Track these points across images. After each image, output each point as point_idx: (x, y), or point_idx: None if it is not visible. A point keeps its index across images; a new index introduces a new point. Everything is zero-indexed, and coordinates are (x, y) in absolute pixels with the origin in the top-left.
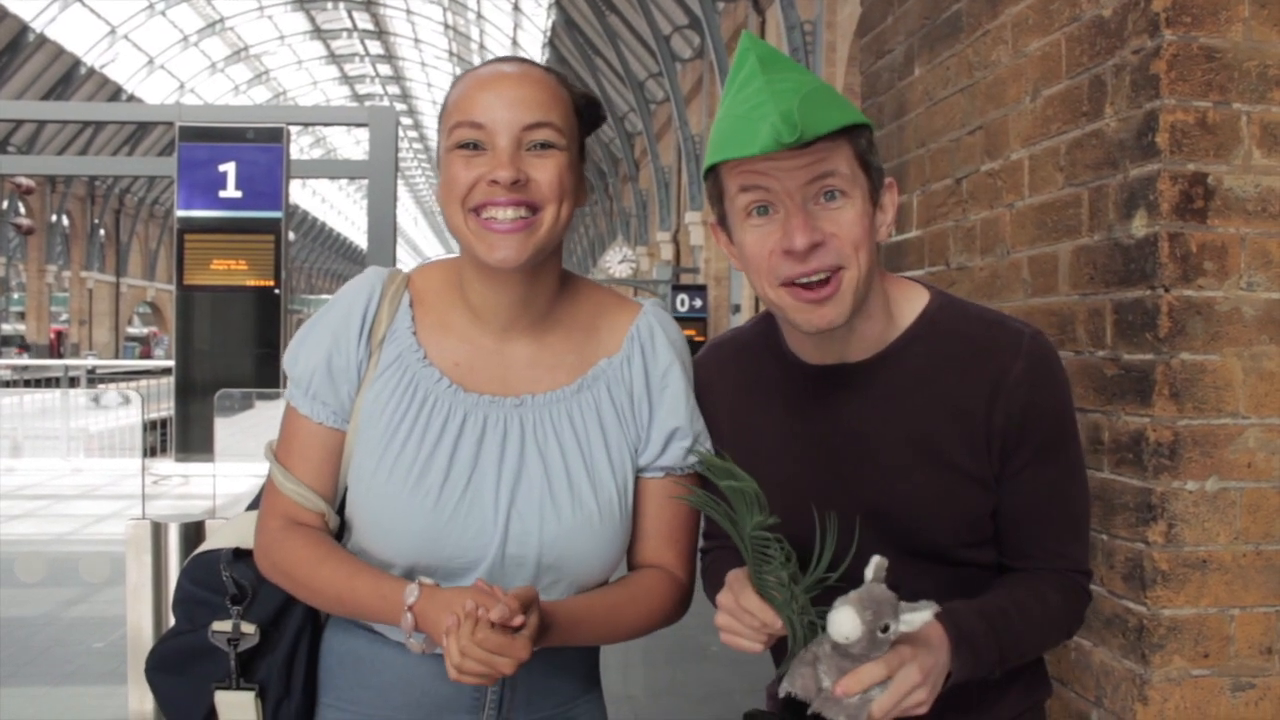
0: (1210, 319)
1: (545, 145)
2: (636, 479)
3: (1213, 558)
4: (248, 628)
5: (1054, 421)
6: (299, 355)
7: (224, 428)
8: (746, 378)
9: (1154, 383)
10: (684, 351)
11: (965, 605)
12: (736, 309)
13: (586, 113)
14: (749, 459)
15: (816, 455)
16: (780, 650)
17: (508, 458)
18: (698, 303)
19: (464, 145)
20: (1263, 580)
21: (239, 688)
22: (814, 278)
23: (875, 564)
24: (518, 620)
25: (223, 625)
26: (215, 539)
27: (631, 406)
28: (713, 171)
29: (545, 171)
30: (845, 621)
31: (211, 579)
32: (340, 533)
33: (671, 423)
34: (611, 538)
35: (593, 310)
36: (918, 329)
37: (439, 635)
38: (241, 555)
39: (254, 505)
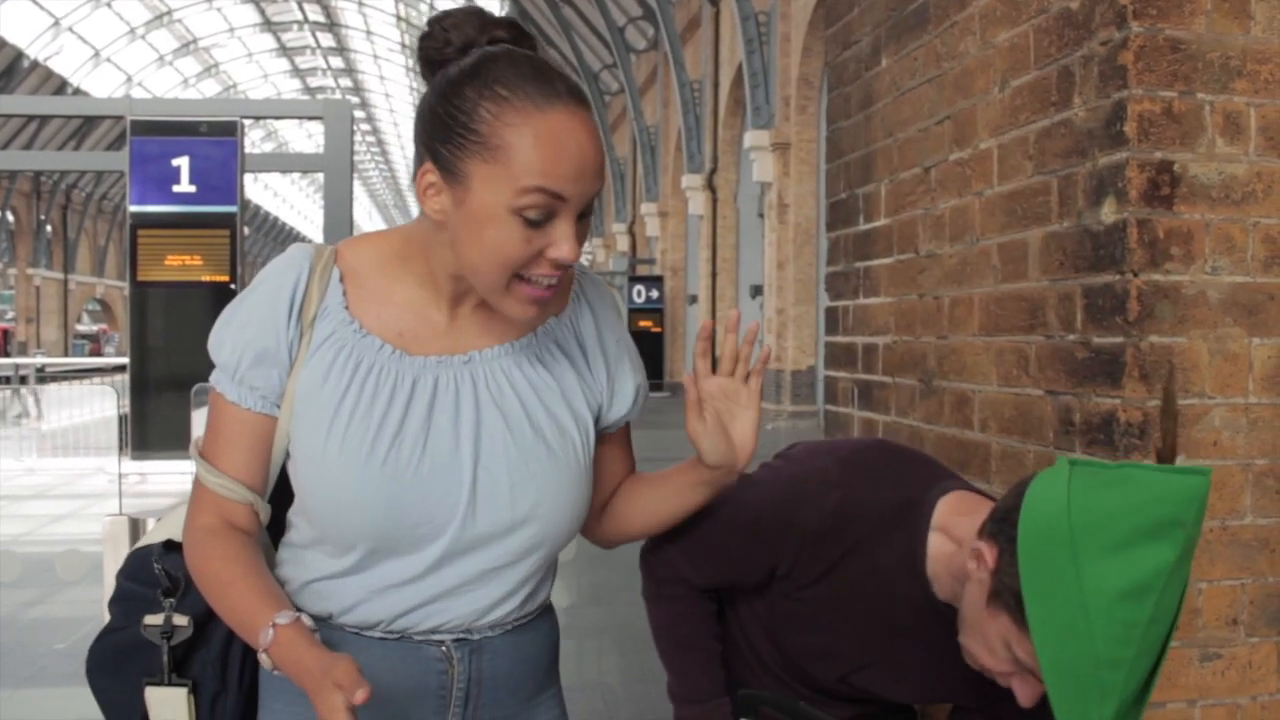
0: (1177, 303)
1: (588, 213)
2: (600, 434)
3: None
4: (180, 619)
5: None
6: (225, 339)
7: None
8: None
9: (1124, 365)
10: (620, 307)
11: None
12: (693, 299)
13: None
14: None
15: None
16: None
17: (463, 414)
18: (654, 294)
19: (532, 218)
20: (1229, 554)
21: (170, 683)
22: None
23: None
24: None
25: (154, 619)
26: (151, 535)
27: (587, 361)
28: None
29: (583, 241)
30: None
31: (145, 574)
32: (279, 525)
33: (638, 378)
34: (580, 484)
35: None
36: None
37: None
38: (173, 547)
39: None
